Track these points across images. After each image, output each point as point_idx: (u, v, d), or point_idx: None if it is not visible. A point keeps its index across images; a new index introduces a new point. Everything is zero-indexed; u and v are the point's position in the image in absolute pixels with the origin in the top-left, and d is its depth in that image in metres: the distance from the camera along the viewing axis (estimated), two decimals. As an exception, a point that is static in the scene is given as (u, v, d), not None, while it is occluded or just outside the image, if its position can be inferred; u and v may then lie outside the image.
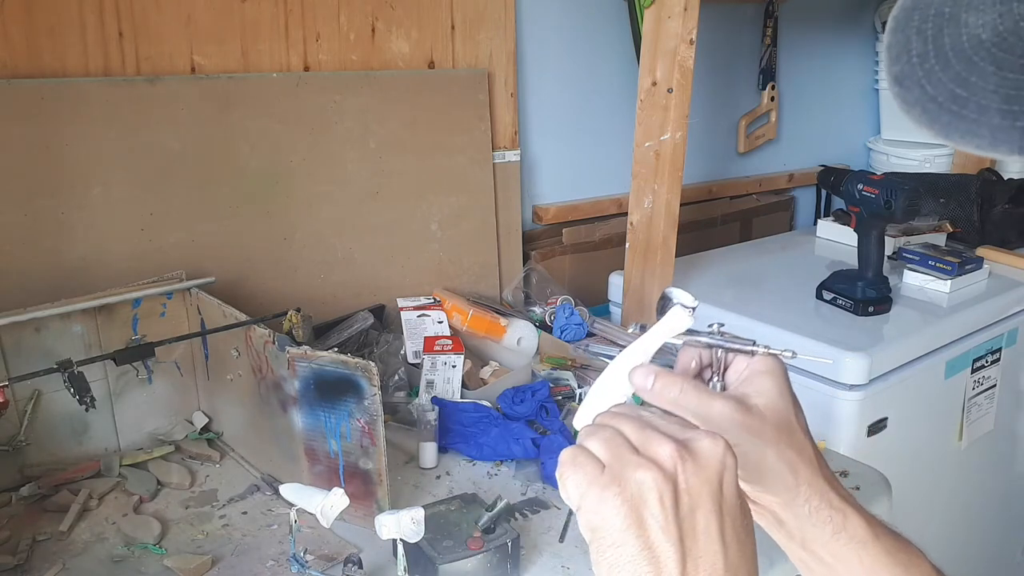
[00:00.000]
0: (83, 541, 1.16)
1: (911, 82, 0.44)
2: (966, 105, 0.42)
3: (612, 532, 0.46)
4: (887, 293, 1.71)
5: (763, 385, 0.60)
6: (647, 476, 0.46)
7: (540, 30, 1.95)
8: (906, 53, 0.45)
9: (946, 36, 0.43)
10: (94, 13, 1.40)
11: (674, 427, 0.51)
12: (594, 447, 0.49)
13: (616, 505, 0.46)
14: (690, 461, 0.46)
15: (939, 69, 0.43)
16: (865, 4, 2.72)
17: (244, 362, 1.29)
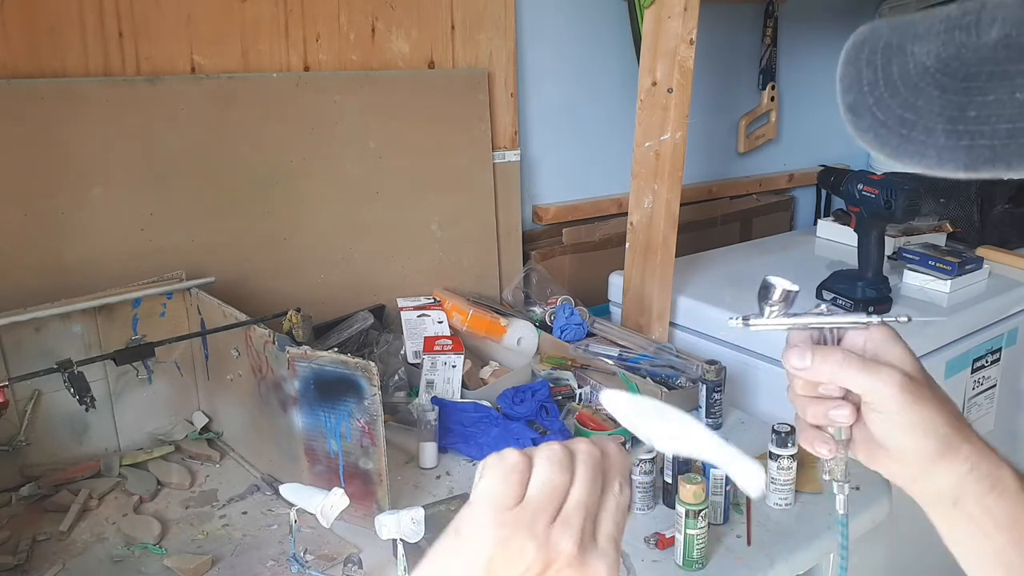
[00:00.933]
0: (83, 541, 1.16)
1: (862, 110, 0.47)
2: (914, 127, 0.44)
3: (470, 550, 0.47)
4: (887, 293, 1.71)
5: (897, 353, 0.61)
6: (534, 552, 0.47)
7: (540, 30, 1.95)
8: (857, 83, 0.47)
9: (894, 65, 0.46)
10: (94, 13, 1.40)
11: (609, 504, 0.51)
12: (539, 474, 0.49)
13: (494, 539, 0.47)
14: (573, 568, 0.48)
15: (888, 96, 0.46)
16: (865, 4, 2.72)
17: (244, 362, 1.29)
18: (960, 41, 0.43)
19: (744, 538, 1.18)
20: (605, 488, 0.51)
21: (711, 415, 1.47)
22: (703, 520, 1.10)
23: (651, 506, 1.25)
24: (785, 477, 1.25)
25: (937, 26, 0.45)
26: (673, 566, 1.12)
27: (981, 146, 0.42)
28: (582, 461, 0.51)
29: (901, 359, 0.61)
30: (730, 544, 1.17)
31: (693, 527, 1.10)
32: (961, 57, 0.43)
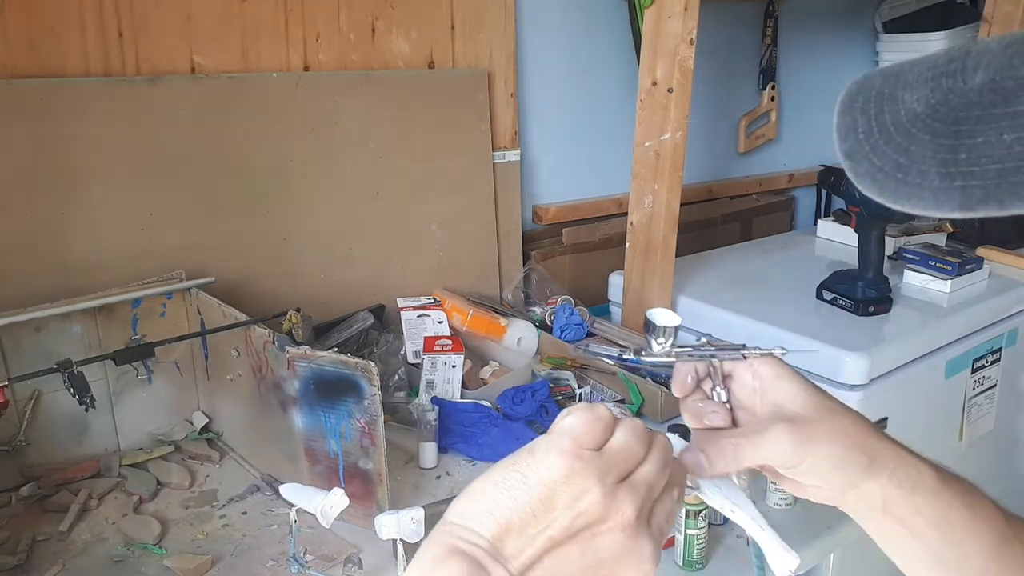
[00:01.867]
0: (83, 541, 1.16)
1: (860, 156, 0.48)
2: (908, 171, 0.46)
3: (537, 470, 0.47)
4: (887, 293, 1.71)
5: (787, 389, 0.61)
6: (597, 498, 0.47)
7: (540, 30, 1.95)
8: (853, 132, 0.49)
9: (887, 113, 0.48)
10: (94, 13, 1.40)
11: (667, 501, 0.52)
12: (621, 435, 0.50)
13: (564, 468, 0.47)
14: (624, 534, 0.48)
15: (883, 142, 0.47)
16: (865, 4, 2.71)
17: (244, 362, 1.29)
18: (947, 87, 0.46)
19: (744, 538, 1.18)
20: (667, 487, 0.52)
21: (711, 415, 1.47)
22: (703, 520, 1.10)
23: (651, 506, 1.25)
24: (785, 477, 1.24)
25: (925, 74, 0.47)
26: (673, 566, 1.12)
27: (974, 186, 0.44)
28: (659, 448, 0.51)
29: (793, 395, 0.61)
30: (730, 544, 1.17)
31: (693, 527, 1.10)
32: (949, 103, 0.45)
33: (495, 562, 0.45)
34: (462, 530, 0.46)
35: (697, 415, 0.63)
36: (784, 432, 0.58)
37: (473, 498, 0.48)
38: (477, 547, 0.45)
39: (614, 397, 1.54)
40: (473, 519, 0.47)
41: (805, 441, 0.58)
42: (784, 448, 0.58)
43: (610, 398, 1.54)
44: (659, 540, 0.50)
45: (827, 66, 2.65)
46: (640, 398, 1.50)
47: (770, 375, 0.62)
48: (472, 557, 0.45)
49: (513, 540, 0.46)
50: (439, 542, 0.46)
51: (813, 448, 0.58)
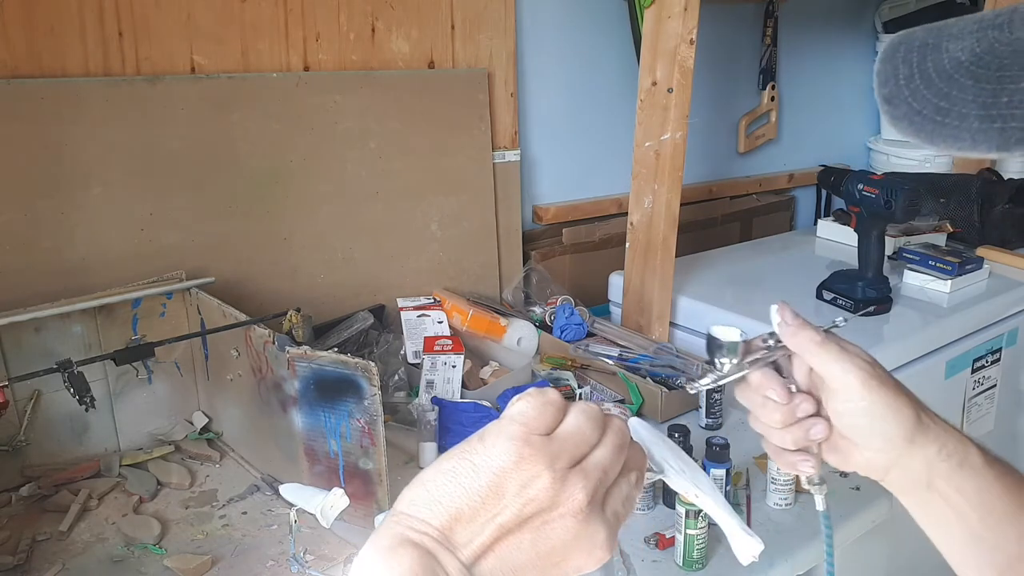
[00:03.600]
0: (83, 541, 1.16)
1: (898, 100, 0.51)
2: (948, 114, 0.49)
3: (486, 457, 0.47)
4: (887, 293, 1.71)
5: (852, 348, 0.64)
6: (546, 484, 0.46)
7: (540, 30, 1.95)
8: (893, 78, 0.52)
9: (929, 61, 0.51)
10: (94, 13, 1.40)
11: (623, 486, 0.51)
12: (572, 419, 0.49)
13: (513, 454, 0.46)
14: (576, 520, 0.47)
15: (923, 87, 0.50)
16: (865, 4, 2.72)
17: (244, 362, 1.29)
18: (993, 38, 0.48)
19: (744, 538, 1.18)
20: (624, 471, 0.51)
21: (711, 415, 1.47)
22: (703, 520, 1.10)
23: (651, 506, 1.25)
24: (785, 477, 1.25)
25: (971, 26, 0.50)
26: (673, 566, 1.12)
27: (1013, 128, 0.46)
28: (614, 432, 0.51)
29: (857, 351, 0.64)
30: (730, 544, 1.17)
31: (693, 527, 1.10)
32: (995, 51, 0.48)
33: (445, 551, 0.45)
34: (412, 520, 0.46)
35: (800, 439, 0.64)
36: (864, 364, 0.62)
37: (423, 487, 0.47)
38: (427, 536, 0.45)
39: (614, 397, 1.54)
40: (423, 508, 0.46)
41: (878, 380, 0.61)
42: (862, 376, 0.61)
43: (610, 398, 1.54)
44: (614, 525, 0.49)
45: (827, 66, 2.66)
46: (640, 398, 1.50)
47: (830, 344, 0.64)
48: (422, 547, 0.45)
49: (463, 528, 0.45)
50: (389, 532, 0.46)
51: (884, 392, 0.61)
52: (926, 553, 0.67)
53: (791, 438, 0.64)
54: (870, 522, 1.27)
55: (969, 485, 0.61)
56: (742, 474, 1.31)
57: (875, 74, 0.53)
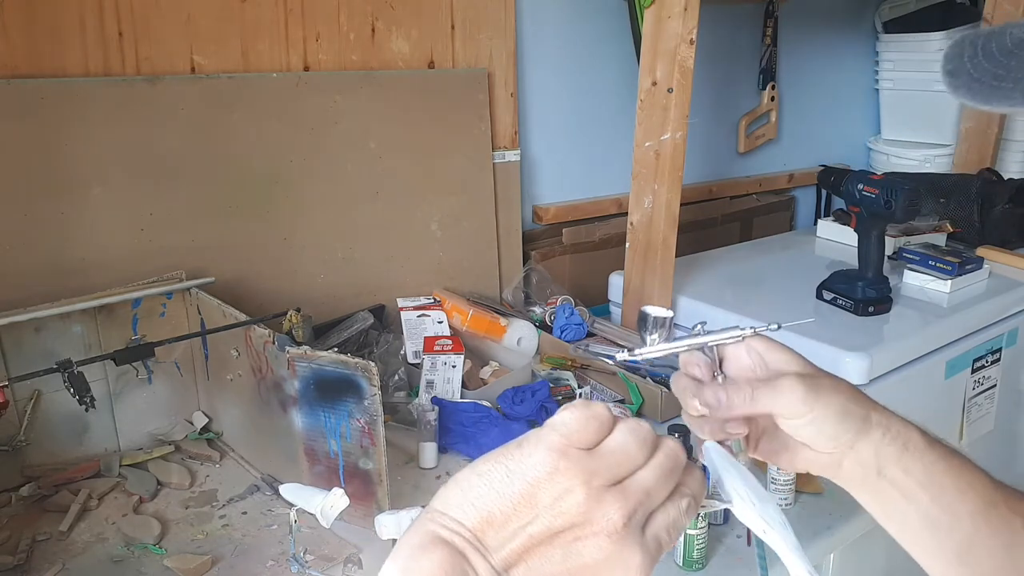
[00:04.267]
0: (83, 541, 1.16)
1: (960, 72, 0.59)
2: (1004, 79, 0.56)
3: (521, 465, 0.46)
4: (887, 293, 1.71)
5: (783, 357, 0.64)
6: (580, 500, 0.45)
7: (540, 30, 1.95)
8: (959, 56, 0.59)
9: (993, 43, 0.58)
10: (94, 13, 1.40)
11: (670, 510, 0.49)
12: (618, 436, 0.48)
13: (548, 465, 0.45)
14: (610, 540, 0.46)
15: (984, 61, 0.58)
16: (865, 4, 2.72)
17: (244, 362, 1.29)
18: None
19: (744, 538, 1.18)
20: (673, 495, 0.49)
21: (711, 415, 1.47)
22: (703, 520, 1.10)
23: (651, 506, 1.25)
24: (785, 477, 1.25)
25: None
26: (673, 566, 1.12)
27: None
28: (664, 454, 0.49)
29: (788, 361, 0.64)
30: (730, 544, 1.17)
31: (693, 527, 1.10)
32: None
33: (476, 552, 0.44)
34: (444, 518, 0.45)
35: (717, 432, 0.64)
36: (796, 381, 0.61)
37: (457, 487, 0.46)
38: (459, 536, 0.45)
39: (614, 397, 1.54)
40: (456, 508, 0.46)
41: (814, 389, 0.61)
42: (797, 394, 0.61)
43: (610, 398, 1.54)
44: (653, 551, 0.47)
45: (827, 66, 2.66)
46: (640, 398, 1.50)
47: (764, 347, 0.65)
48: (454, 546, 0.44)
49: (495, 533, 0.45)
50: (422, 529, 0.45)
51: (821, 396, 0.61)
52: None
53: (708, 429, 0.64)
54: (869, 522, 1.27)
55: (916, 466, 0.62)
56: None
57: (944, 58, 0.60)
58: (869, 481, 0.63)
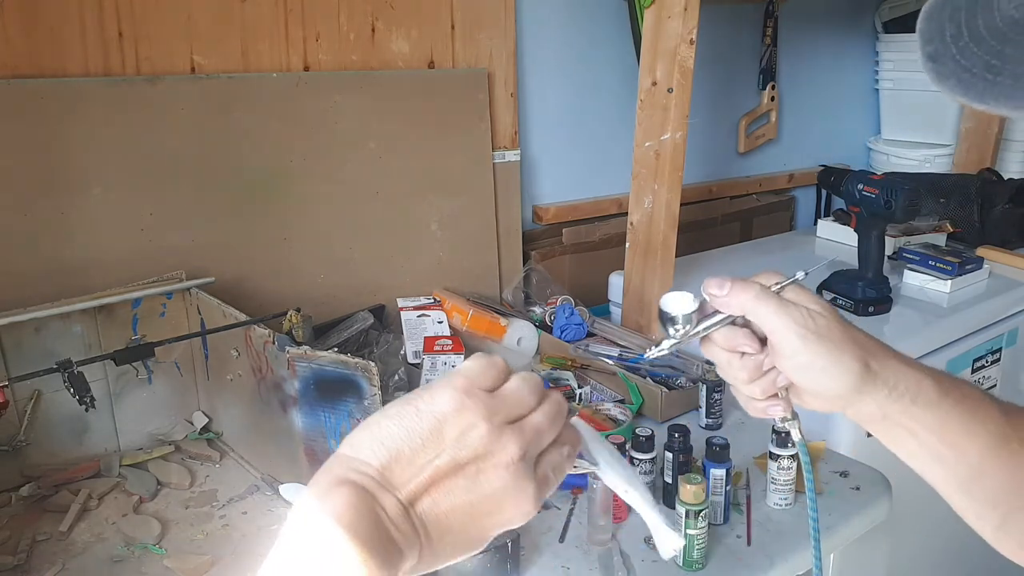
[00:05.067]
0: (83, 541, 1.16)
1: (945, 58, 0.50)
2: (1000, 72, 0.47)
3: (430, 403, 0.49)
4: (887, 293, 1.71)
5: (804, 296, 0.65)
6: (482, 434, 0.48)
7: (540, 30, 1.95)
8: (939, 35, 0.50)
9: (979, 19, 0.49)
10: (94, 13, 1.40)
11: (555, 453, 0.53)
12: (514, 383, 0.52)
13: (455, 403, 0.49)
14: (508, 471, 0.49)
15: (973, 45, 0.48)
16: (865, 4, 2.72)
17: (244, 362, 1.29)
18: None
19: (744, 538, 1.18)
20: (556, 442, 0.53)
21: (711, 415, 1.47)
22: (703, 520, 1.10)
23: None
24: (785, 477, 1.25)
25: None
26: (673, 566, 1.12)
27: None
28: (551, 402, 0.53)
29: (810, 301, 0.65)
30: (730, 544, 1.17)
31: (693, 527, 1.10)
32: None
33: (384, 490, 0.47)
34: (352, 460, 0.48)
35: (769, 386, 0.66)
36: (802, 318, 0.62)
37: (367, 430, 0.49)
38: (367, 476, 0.47)
39: (614, 397, 1.54)
40: (364, 449, 0.48)
41: (816, 335, 0.62)
42: (798, 331, 0.61)
43: (610, 398, 1.54)
44: (542, 486, 0.52)
45: (827, 66, 2.66)
46: (640, 398, 1.50)
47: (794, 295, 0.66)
48: (361, 485, 0.46)
49: (402, 469, 0.47)
50: (330, 473, 0.47)
51: (823, 349, 0.62)
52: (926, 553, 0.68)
53: (759, 388, 0.66)
54: (870, 522, 1.27)
55: (926, 415, 0.62)
56: (742, 474, 1.31)
57: (919, 33, 0.52)
58: (875, 423, 0.65)
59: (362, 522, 0.45)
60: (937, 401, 0.62)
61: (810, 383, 0.64)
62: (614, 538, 1.17)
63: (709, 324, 0.65)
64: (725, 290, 0.64)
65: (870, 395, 0.62)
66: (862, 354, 0.63)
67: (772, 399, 0.66)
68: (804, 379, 0.64)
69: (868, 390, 0.62)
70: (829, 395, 0.64)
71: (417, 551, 0.47)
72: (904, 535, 1.43)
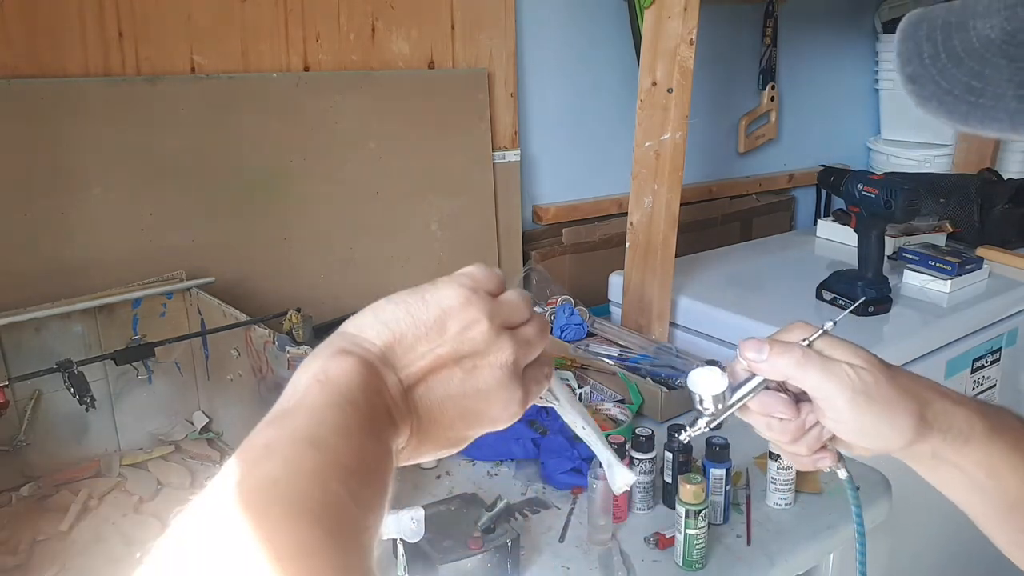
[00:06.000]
0: (83, 541, 1.16)
1: (925, 79, 0.49)
2: (982, 94, 0.47)
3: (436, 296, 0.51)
4: (887, 293, 1.71)
5: (846, 351, 0.62)
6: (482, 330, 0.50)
7: (540, 30, 1.95)
8: (917, 56, 0.50)
9: (955, 40, 0.49)
10: (94, 13, 1.40)
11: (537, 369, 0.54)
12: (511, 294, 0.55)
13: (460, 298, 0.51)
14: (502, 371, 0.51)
15: (952, 67, 0.48)
16: (865, 4, 2.72)
17: (244, 362, 1.29)
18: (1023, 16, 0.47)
19: (744, 538, 1.18)
20: (539, 360, 0.55)
21: (711, 415, 1.46)
22: (703, 520, 1.10)
23: (651, 506, 1.25)
24: (785, 477, 1.25)
25: (996, 4, 0.48)
26: (673, 566, 1.12)
27: None
28: (539, 319, 0.55)
29: (850, 355, 0.62)
30: (730, 544, 1.17)
31: (693, 527, 1.10)
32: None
33: (385, 367, 0.48)
34: (356, 338, 0.49)
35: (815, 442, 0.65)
36: (850, 379, 0.60)
37: (372, 313, 0.50)
38: (370, 352, 0.48)
39: (614, 397, 1.54)
40: (369, 329, 0.49)
41: (865, 396, 0.59)
42: (846, 395, 0.59)
43: (610, 398, 1.54)
44: (527, 394, 0.53)
45: (827, 66, 2.66)
46: (640, 398, 1.50)
47: (825, 344, 0.63)
48: (364, 358, 0.47)
49: (404, 352, 0.49)
50: (333, 346, 0.48)
51: (868, 407, 0.60)
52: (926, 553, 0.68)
53: (805, 447, 0.64)
54: (870, 522, 1.27)
55: (976, 451, 0.62)
56: (742, 474, 1.31)
57: (896, 54, 0.51)
58: (923, 461, 0.64)
59: (364, 388, 0.45)
60: (988, 439, 0.62)
61: (859, 443, 0.62)
62: (614, 538, 1.17)
63: (743, 395, 0.63)
64: (764, 354, 0.61)
65: (924, 443, 0.61)
66: (915, 407, 0.61)
67: (820, 452, 0.65)
68: (856, 440, 0.62)
69: (923, 440, 0.61)
70: (878, 449, 0.62)
71: (407, 433, 0.48)
72: (904, 535, 1.44)
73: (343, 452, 0.43)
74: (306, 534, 0.37)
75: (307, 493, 0.39)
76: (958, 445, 0.61)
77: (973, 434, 0.62)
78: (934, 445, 0.61)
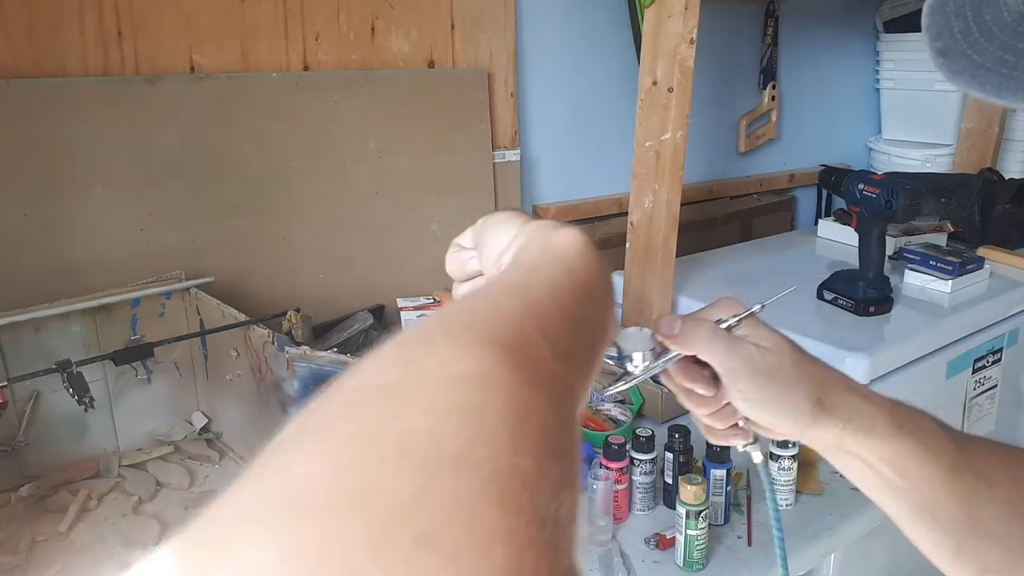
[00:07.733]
0: (82, 541, 1.16)
1: (956, 54, 0.50)
2: (1016, 67, 0.48)
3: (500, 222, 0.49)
4: (888, 293, 1.70)
5: (759, 332, 0.64)
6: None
7: (540, 30, 1.94)
8: (947, 31, 0.51)
9: (987, 15, 0.49)
10: (93, 13, 1.40)
11: None
12: None
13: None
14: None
15: (984, 41, 0.49)
16: (866, 4, 2.71)
17: (243, 362, 1.29)
18: None
19: (744, 539, 1.18)
20: None
21: (711, 415, 1.46)
22: (703, 521, 1.10)
23: (651, 506, 1.25)
24: (785, 477, 1.24)
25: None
26: (673, 567, 1.12)
27: None
28: None
29: (764, 336, 0.64)
30: (730, 544, 1.17)
31: (693, 528, 1.10)
32: None
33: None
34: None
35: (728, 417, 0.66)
36: (753, 355, 0.62)
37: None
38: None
39: (615, 397, 1.54)
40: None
41: (766, 375, 0.61)
42: (747, 371, 0.61)
43: (611, 398, 1.54)
44: None
45: (827, 66, 2.65)
46: (640, 398, 1.50)
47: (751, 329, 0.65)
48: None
49: None
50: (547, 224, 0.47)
51: (767, 385, 0.61)
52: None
53: (719, 420, 0.66)
54: (870, 522, 1.27)
55: (881, 448, 0.63)
56: (742, 474, 1.31)
57: (925, 29, 0.52)
58: (831, 452, 0.65)
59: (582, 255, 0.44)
60: (891, 434, 0.63)
61: (762, 420, 0.64)
62: (614, 538, 1.17)
63: (663, 361, 0.66)
64: (676, 329, 0.64)
65: (824, 429, 0.63)
66: (814, 391, 0.63)
67: (732, 428, 0.67)
68: (756, 416, 0.64)
69: (821, 424, 0.62)
70: (781, 430, 0.64)
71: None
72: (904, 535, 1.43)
73: (548, 307, 0.39)
74: (490, 360, 0.31)
75: (501, 328, 0.34)
76: (859, 436, 0.63)
77: (875, 428, 0.63)
78: (836, 434, 0.63)
